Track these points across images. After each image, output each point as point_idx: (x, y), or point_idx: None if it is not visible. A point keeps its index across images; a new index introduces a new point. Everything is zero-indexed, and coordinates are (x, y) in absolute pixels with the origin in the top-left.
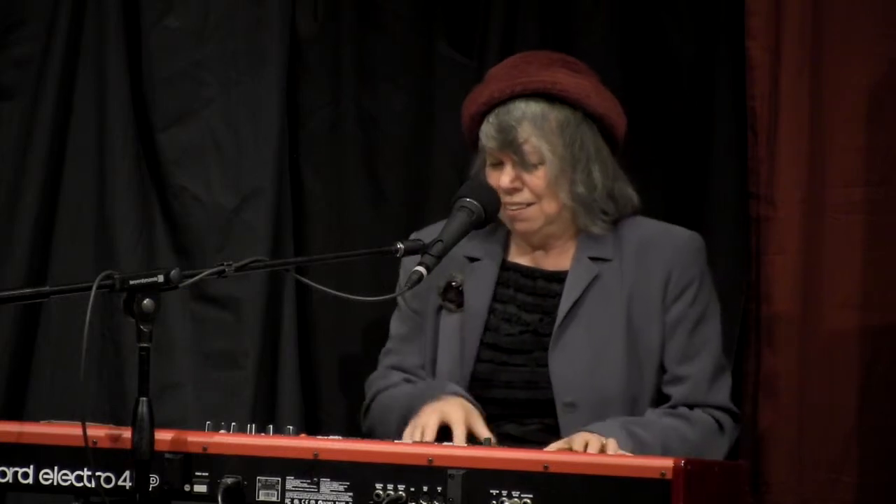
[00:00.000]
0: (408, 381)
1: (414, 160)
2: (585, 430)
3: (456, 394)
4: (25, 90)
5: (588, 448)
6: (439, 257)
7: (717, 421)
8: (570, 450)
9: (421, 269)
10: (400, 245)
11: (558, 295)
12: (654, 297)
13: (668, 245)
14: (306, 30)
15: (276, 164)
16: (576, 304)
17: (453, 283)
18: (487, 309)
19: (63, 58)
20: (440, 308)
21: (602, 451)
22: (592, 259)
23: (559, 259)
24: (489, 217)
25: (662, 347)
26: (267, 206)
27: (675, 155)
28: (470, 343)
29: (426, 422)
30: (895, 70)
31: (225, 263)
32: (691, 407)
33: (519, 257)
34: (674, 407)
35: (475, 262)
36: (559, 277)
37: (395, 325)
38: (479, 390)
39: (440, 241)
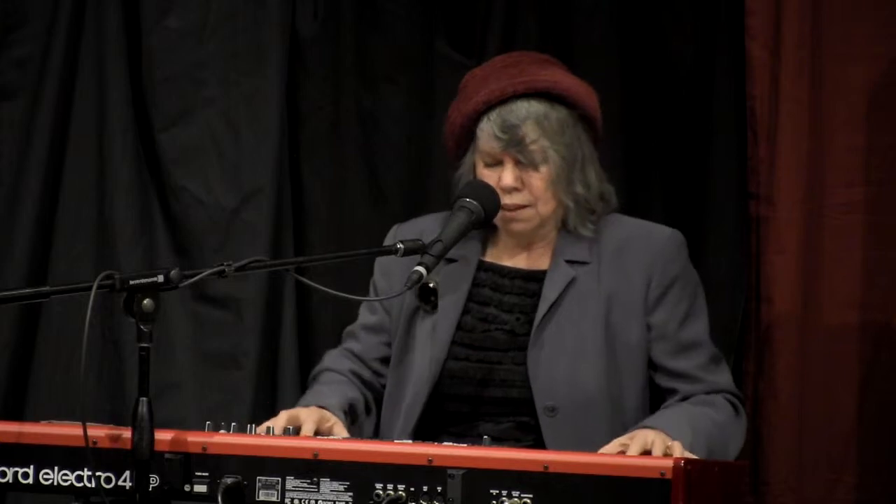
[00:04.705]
0: (355, 374)
1: (414, 160)
2: (646, 427)
3: (324, 407)
4: (25, 90)
5: (653, 451)
6: (439, 257)
7: (732, 403)
8: (627, 449)
9: (421, 269)
10: (400, 245)
11: (536, 295)
12: (635, 298)
13: (647, 246)
14: (306, 30)
15: (276, 164)
16: (553, 307)
17: (429, 285)
18: (461, 310)
19: (63, 58)
20: (417, 309)
21: (667, 452)
22: (569, 262)
23: (537, 259)
24: (489, 217)
25: (644, 348)
26: (267, 206)
27: (675, 155)
28: (441, 341)
29: (278, 418)
30: (895, 70)
31: (225, 263)
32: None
33: (496, 257)
34: (686, 398)
35: (451, 263)
36: (537, 277)
37: (364, 314)
38: (453, 388)
39: (440, 241)
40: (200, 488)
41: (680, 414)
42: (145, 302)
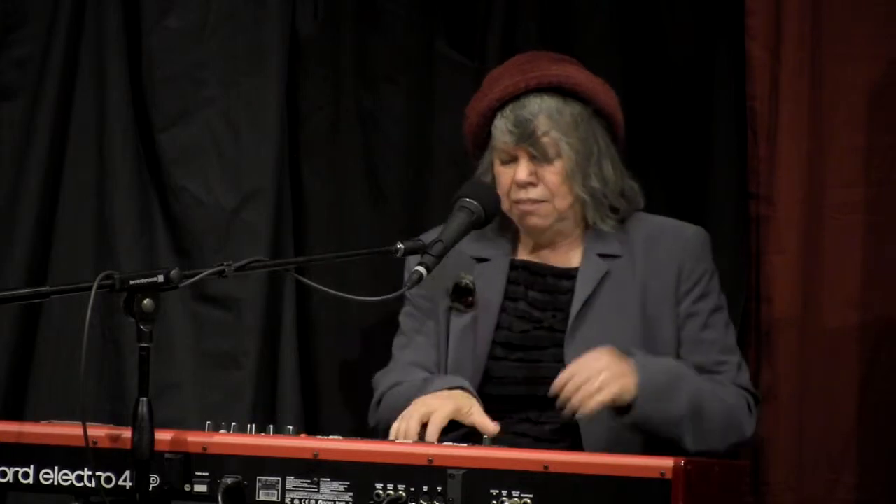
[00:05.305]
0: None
1: (414, 160)
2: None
3: (460, 387)
4: (25, 90)
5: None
6: (439, 257)
7: (746, 400)
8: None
9: (421, 269)
10: (400, 245)
11: (569, 291)
12: (667, 291)
13: (676, 240)
14: (306, 30)
15: (276, 164)
16: (588, 301)
17: (462, 284)
18: (499, 307)
19: (63, 58)
20: (450, 309)
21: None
22: (601, 256)
23: (567, 256)
24: (489, 217)
25: (678, 341)
26: (267, 206)
27: (675, 155)
28: (482, 341)
29: (410, 413)
30: (895, 70)
31: (225, 263)
32: None
33: (527, 255)
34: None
35: (483, 262)
36: (569, 274)
37: (407, 321)
38: (493, 388)
39: (440, 241)
40: (200, 488)
41: (674, 371)
42: (145, 302)
